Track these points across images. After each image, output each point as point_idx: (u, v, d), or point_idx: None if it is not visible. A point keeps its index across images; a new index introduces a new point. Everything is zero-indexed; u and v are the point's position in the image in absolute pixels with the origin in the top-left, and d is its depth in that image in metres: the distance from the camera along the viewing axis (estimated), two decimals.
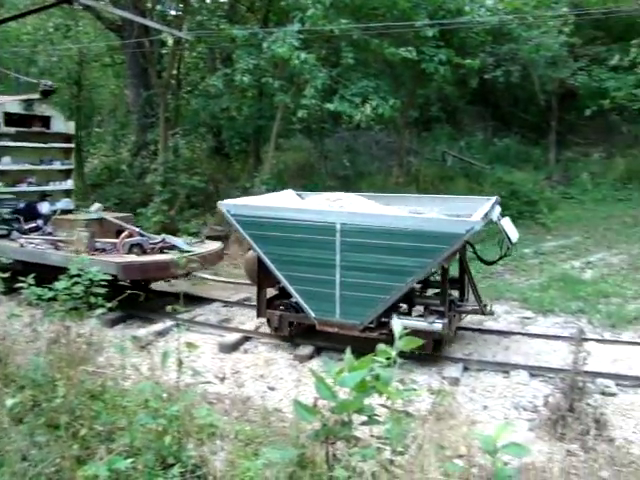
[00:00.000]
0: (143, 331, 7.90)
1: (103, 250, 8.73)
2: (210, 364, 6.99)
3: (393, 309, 6.80)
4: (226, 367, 6.81)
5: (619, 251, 12.18)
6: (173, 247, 8.78)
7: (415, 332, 6.47)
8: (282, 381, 6.56)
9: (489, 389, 6.36)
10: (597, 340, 7.58)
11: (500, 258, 7.52)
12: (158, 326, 8.07)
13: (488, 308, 7.38)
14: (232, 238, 12.09)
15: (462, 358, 7.08)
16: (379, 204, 7.75)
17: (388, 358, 2.62)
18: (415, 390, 2.95)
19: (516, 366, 6.78)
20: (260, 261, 7.40)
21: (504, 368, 6.79)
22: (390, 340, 6.94)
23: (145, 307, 8.20)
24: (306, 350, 7.32)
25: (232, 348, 7.51)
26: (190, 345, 3.91)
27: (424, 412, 4.54)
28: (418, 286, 7.35)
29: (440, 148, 18.83)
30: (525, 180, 15.89)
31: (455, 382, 6.41)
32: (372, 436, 2.80)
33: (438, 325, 6.63)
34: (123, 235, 8.86)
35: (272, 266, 7.13)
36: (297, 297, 7.11)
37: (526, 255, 12.00)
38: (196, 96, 17.40)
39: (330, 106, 12.41)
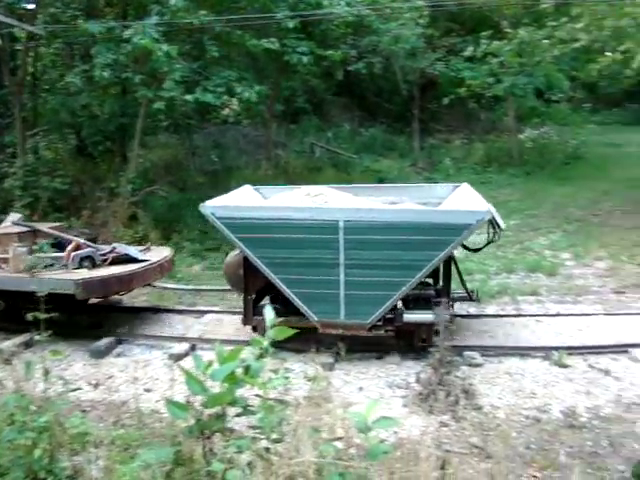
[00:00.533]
0: (8, 343, 7.48)
1: (45, 266, 7.65)
2: (82, 371, 6.76)
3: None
4: (99, 373, 6.61)
5: (481, 231, 12.81)
6: (126, 256, 8.12)
7: (420, 324, 6.56)
8: (158, 382, 6.44)
9: (363, 371, 6.56)
10: (463, 315, 8.00)
11: (487, 244, 7.47)
12: (24, 337, 7.63)
13: (474, 294, 7.46)
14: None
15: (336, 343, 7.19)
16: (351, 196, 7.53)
17: (262, 348, 2.62)
18: (287, 379, 2.99)
19: (389, 347, 7.01)
20: (247, 265, 6.90)
21: (377, 350, 7.01)
22: (396, 336, 6.78)
23: (7, 318, 7.79)
24: (181, 348, 7.22)
25: (104, 353, 7.28)
26: (55, 353, 3.77)
27: (301, 399, 4.62)
28: None
29: (308, 140, 19.08)
30: (391, 167, 16.44)
31: (330, 367, 6.55)
32: (249, 427, 2.82)
33: (445, 317, 6.52)
34: (70, 247, 7.90)
35: (267, 270, 6.64)
36: (296, 300, 6.67)
37: None
38: (54, 94, 16.60)
39: (189, 97, 12.21)
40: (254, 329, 7.24)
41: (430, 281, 7.14)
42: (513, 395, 5.98)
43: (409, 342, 6.94)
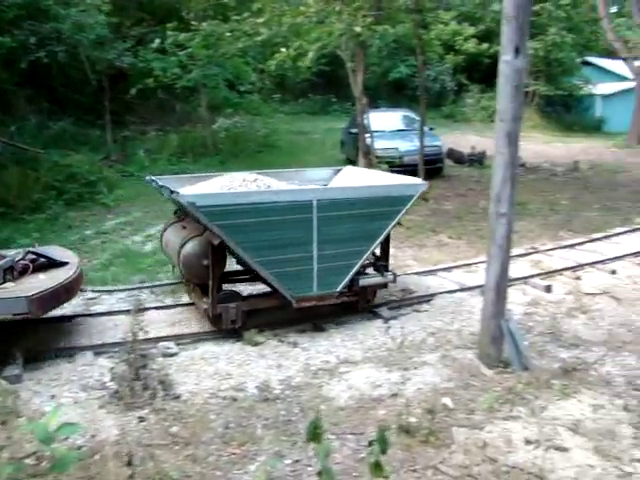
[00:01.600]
0: None
1: None
2: None
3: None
4: None
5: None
6: (43, 260, 6.86)
7: (364, 287, 7.62)
8: None
9: (55, 377, 6.16)
10: (157, 307, 7.97)
11: None
12: None
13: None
14: None
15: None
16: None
17: None
18: None
19: (80, 348, 6.75)
20: (214, 253, 6.77)
21: (68, 353, 6.69)
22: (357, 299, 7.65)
23: None
24: None
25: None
26: None
27: None
28: None
29: None
30: (82, 162, 15.78)
31: (17, 379, 6.04)
32: None
33: (391, 277, 7.70)
34: None
35: (245, 255, 6.73)
36: (273, 281, 6.95)
37: (87, 237, 11.95)
38: None
39: None
40: (218, 317, 7.05)
41: None
42: (210, 379, 6.11)
43: (354, 306, 7.71)
